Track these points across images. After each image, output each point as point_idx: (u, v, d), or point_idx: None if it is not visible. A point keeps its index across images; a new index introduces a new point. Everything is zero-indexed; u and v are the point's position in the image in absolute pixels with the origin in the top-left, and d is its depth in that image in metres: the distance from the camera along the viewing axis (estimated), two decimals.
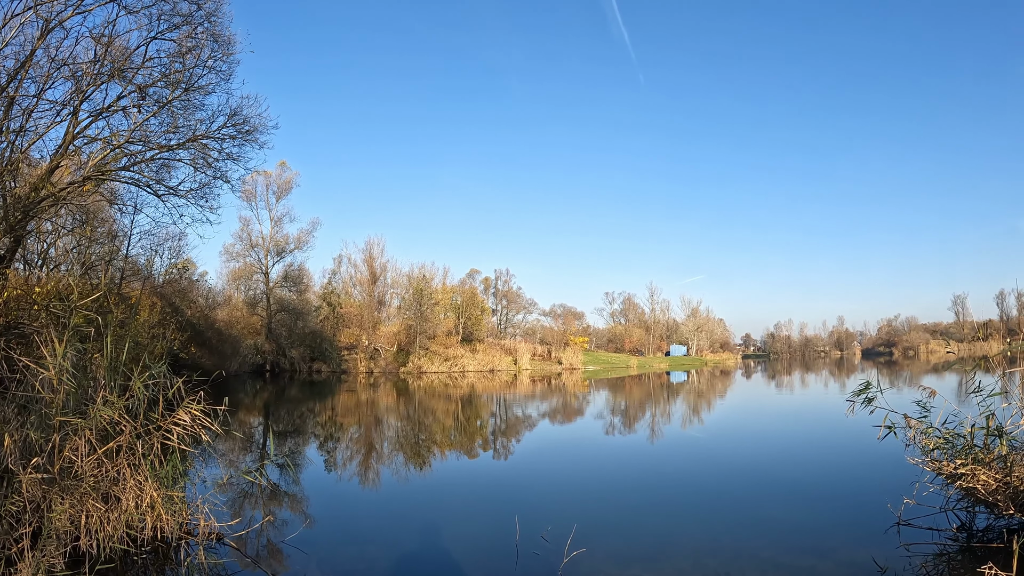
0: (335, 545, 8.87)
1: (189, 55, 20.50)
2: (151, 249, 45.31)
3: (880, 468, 13.30)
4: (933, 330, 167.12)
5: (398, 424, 25.34)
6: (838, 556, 8.13)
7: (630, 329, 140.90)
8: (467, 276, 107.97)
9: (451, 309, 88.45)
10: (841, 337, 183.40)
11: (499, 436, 21.97)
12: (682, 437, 21.12)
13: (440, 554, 8.41)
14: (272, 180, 70.98)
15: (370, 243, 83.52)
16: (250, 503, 11.29)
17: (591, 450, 18.42)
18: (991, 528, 8.92)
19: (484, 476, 14.63)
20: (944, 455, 9.01)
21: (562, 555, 7.69)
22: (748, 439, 20.48)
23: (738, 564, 7.75)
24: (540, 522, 9.56)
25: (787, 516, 10.32)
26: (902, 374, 55.45)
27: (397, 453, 17.78)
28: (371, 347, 75.50)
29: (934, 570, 7.60)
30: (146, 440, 8.33)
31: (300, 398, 38.99)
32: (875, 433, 9.69)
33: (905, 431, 9.45)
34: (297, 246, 72.76)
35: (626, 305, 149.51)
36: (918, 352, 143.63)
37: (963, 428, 9.04)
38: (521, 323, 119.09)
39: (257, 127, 23.57)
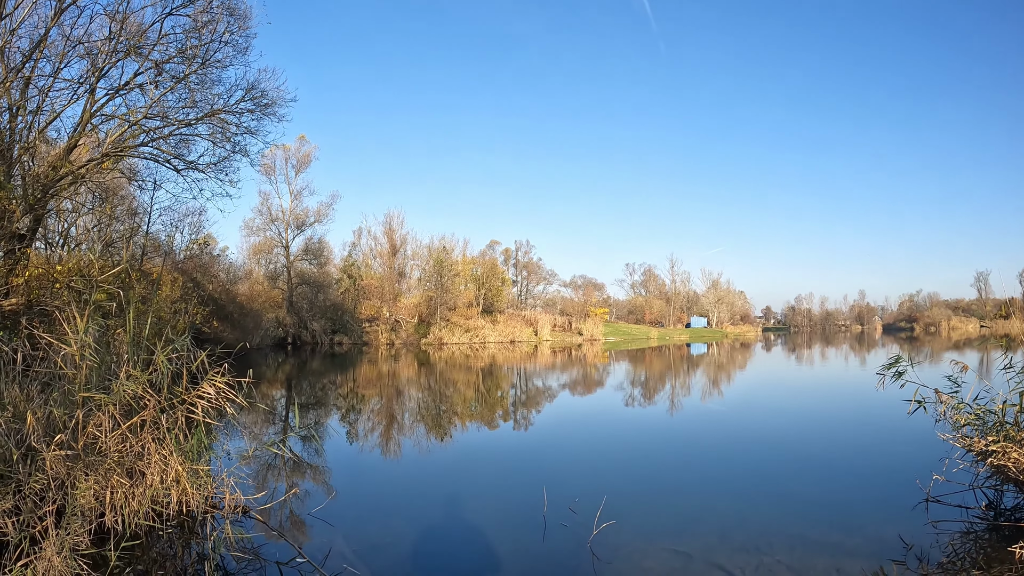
0: (360, 518, 8.89)
1: (205, 30, 20.41)
2: (171, 225, 45.66)
3: (908, 444, 13.23)
4: (955, 307, 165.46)
5: (420, 395, 25.40)
6: (865, 532, 8.06)
7: (650, 301, 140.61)
8: (487, 247, 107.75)
9: (471, 280, 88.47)
10: (862, 312, 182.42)
11: (521, 407, 22.01)
12: (705, 410, 21.09)
13: (466, 526, 8.41)
14: (291, 154, 70.99)
15: (390, 215, 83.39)
16: (274, 475, 11.32)
17: (614, 422, 18.42)
18: (1020, 507, 8.84)
19: (508, 447, 14.66)
20: (975, 431, 8.88)
21: (591, 527, 7.69)
22: (772, 413, 20.41)
23: (766, 538, 7.71)
24: (566, 494, 9.56)
25: (814, 491, 10.25)
26: (923, 350, 55.08)
27: (420, 424, 17.81)
28: (392, 319, 75.62)
29: (961, 548, 7.54)
30: (170, 414, 8.32)
31: (322, 370, 39.09)
32: (903, 408, 9.60)
33: (935, 406, 9.32)
34: (317, 219, 72.77)
35: (646, 276, 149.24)
36: (939, 328, 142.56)
37: (994, 405, 8.89)
38: (541, 294, 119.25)
39: (275, 100, 23.49)
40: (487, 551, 7.40)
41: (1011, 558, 6.90)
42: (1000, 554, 7.14)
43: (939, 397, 9.34)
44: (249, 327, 54.36)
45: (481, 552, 7.41)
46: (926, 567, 6.84)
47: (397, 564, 7.13)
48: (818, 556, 7.16)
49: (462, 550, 7.52)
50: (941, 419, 9.29)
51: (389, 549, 7.54)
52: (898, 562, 6.98)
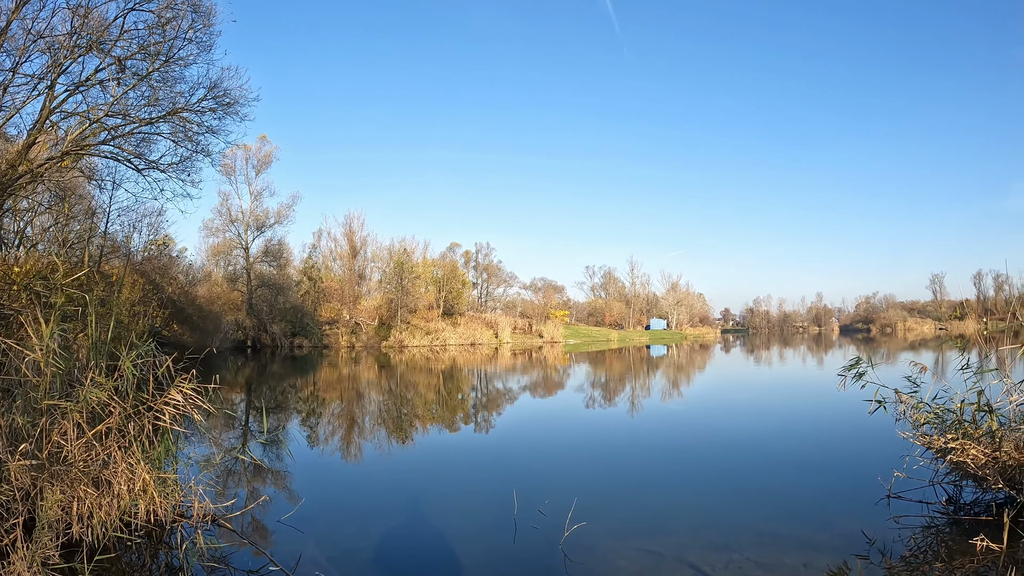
0: (330, 523, 8.84)
1: (168, 26, 20.24)
2: (130, 226, 44.95)
3: (870, 442, 13.45)
4: (911, 308, 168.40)
5: (383, 399, 25.31)
6: (830, 527, 8.24)
7: (610, 303, 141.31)
8: (448, 250, 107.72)
9: (432, 283, 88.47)
10: (819, 313, 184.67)
11: (484, 409, 22.02)
12: (668, 410, 21.26)
13: (437, 529, 8.42)
14: (252, 154, 70.55)
15: (350, 217, 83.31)
16: (240, 482, 11.24)
17: (578, 423, 18.50)
18: (979, 501, 9.05)
19: (473, 450, 14.66)
20: (934, 430, 9.14)
21: (561, 529, 7.74)
22: (735, 412, 20.65)
23: (735, 535, 7.84)
24: (535, 496, 9.59)
25: (780, 488, 10.45)
26: (880, 351, 55.83)
27: (384, 428, 17.75)
28: (352, 321, 75.45)
29: (923, 541, 7.72)
30: (136, 421, 8.22)
31: (282, 374, 38.89)
32: (863, 407, 9.81)
33: (895, 406, 9.57)
34: (277, 220, 72.39)
35: (607, 279, 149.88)
36: (895, 329, 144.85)
37: (952, 404, 9.15)
38: (502, 297, 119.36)
39: (238, 99, 23.36)
40: (459, 554, 7.41)
41: (972, 550, 7.08)
42: (961, 546, 7.33)
43: (899, 397, 9.57)
44: (209, 330, 53.90)
45: (453, 555, 7.42)
46: (889, 561, 6.99)
47: (369, 569, 7.14)
48: (786, 552, 7.28)
49: (433, 553, 7.53)
50: (901, 418, 9.53)
51: (360, 554, 7.53)
52: (862, 556, 7.12)
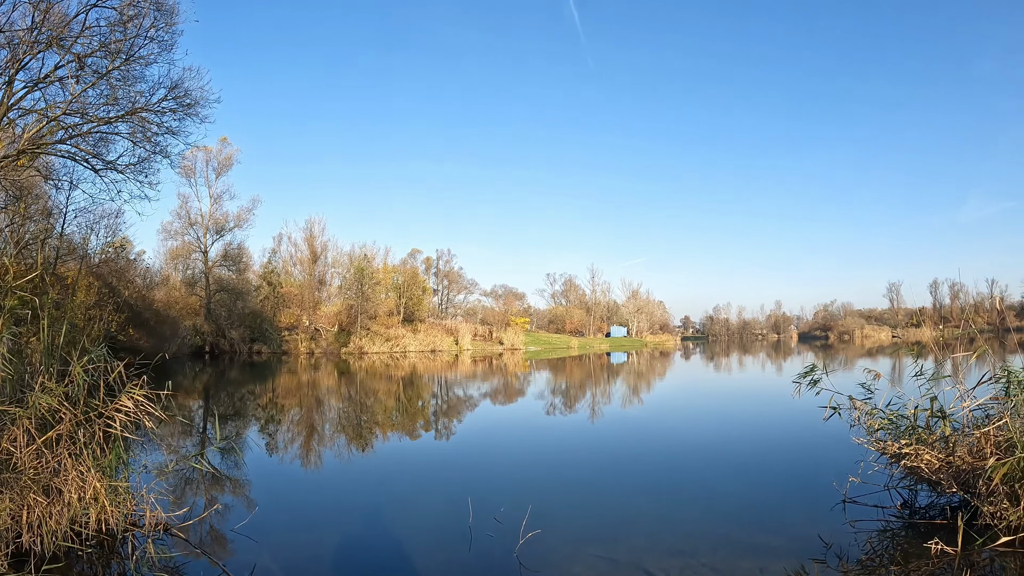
0: (285, 531, 8.71)
1: (130, 24, 20.01)
2: (87, 227, 44.28)
3: (825, 448, 13.52)
4: (868, 316, 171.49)
5: (341, 406, 25.11)
6: (787, 532, 8.28)
7: (571, 310, 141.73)
8: (408, 256, 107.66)
9: (392, 289, 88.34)
10: (778, 321, 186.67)
11: (443, 416, 21.92)
12: (627, 416, 21.29)
13: (392, 537, 8.32)
14: (212, 156, 69.99)
15: (311, 222, 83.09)
16: (195, 490, 11.06)
17: (537, 430, 18.48)
18: (934, 505, 9.12)
19: (431, 457, 14.57)
20: (888, 435, 9.27)
21: (517, 537, 7.68)
22: (694, 418, 20.75)
23: (691, 541, 7.85)
24: (491, 503, 9.53)
25: (737, 494, 10.45)
26: (838, 358, 56.37)
27: (341, 435, 17.60)
28: (312, 328, 75.03)
29: (879, 545, 7.78)
30: (87, 428, 8.08)
31: (241, 380, 38.53)
32: (819, 414, 9.93)
33: (850, 412, 9.72)
34: (237, 224, 71.94)
35: (567, 286, 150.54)
36: (853, 337, 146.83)
37: (906, 410, 9.31)
38: (462, 304, 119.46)
39: (199, 100, 23.17)
40: (414, 563, 7.34)
41: (927, 553, 7.15)
42: (916, 550, 7.39)
43: (853, 403, 9.71)
44: (166, 335, 53.36)
45: (408, 564, 7.34)
46: (846, 565, 7.04)
47: None
48: (742, 557, 7.30)
49: (389, 563, 7.44)
50: (856, 424, 9.67)
51: (315, 563, 7.43)
52: (819, 560, 7.17)
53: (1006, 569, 6.79)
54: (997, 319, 78.15)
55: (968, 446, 8.40)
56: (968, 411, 8.87)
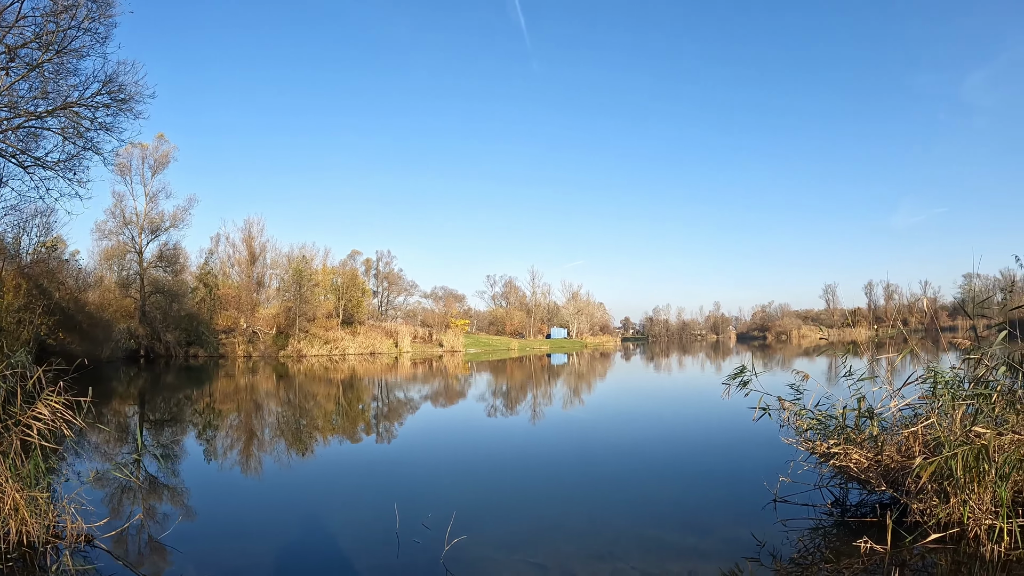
0: (213, 540, 8.49)
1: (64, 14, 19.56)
2: (17, 226, 43.17)
3: (756, 448, 13.62)
4: (805, 316, 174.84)
5: (279, 410, 24.73)
6: (719, 533, 8.29)
7: (511, 312, 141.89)
8: (348, 257, 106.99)
9: (331, 291, 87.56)
10: (717, 322, 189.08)
11: (380, 420, 21.68)
12: (562, 419, 21.32)
13: (321, 545, 8.14)
14: (148, 153, 68.19)
15: (249, 222, 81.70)
16: (125, 500, 10.71)
17: (473, 433, 18.37)
18: (864, 503, 9.25)
19: (366, 462, 14.36)
20: (817, 435, 9.34)
21: (444, 543, 7.58)
22: (629, 420, 20.78)
23: (622, 544, 7.79)
24: (422, 509, 9.39)
25: (668, 495, 10.48)
26: (775, 357, 57.17)
27: (278, 441, 17.29)
28: (249, 330, 73.99)
29: (811, 543, 7.82)
30: (5, 437, 7.86)
31: (177, 385, 37.79)
32: (751, 415, 9.98)
33: (779, 413, 9.79)
34: (173, 224, 69.97)
35: (507, 288, 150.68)
36: (790, 337, 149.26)
37: (835, 410, 9.40)
38: (402, 305, 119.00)
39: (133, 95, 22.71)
40: (339, 571, 7.23)
41: (858, 551, 7.22)
42: (847, 548, 7.44)
43: (782, 404, 9.79)
44: (99, 338, 52.27)
45: (333, 572, 7.24)
46: (780, 563, 7.07)
47: None
48: (673, 559, 7.27)
49: (314, 571, 7.29)
50: (785, 424, 9.75)
51: (242, 573, 7.30)
52: (752, 559, 7.20)
53: (936, 566, 6.85)
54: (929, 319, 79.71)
55: (897, 445, 8.52)
56: (896, 410, 9.01)
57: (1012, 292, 20.90)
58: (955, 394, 8.43)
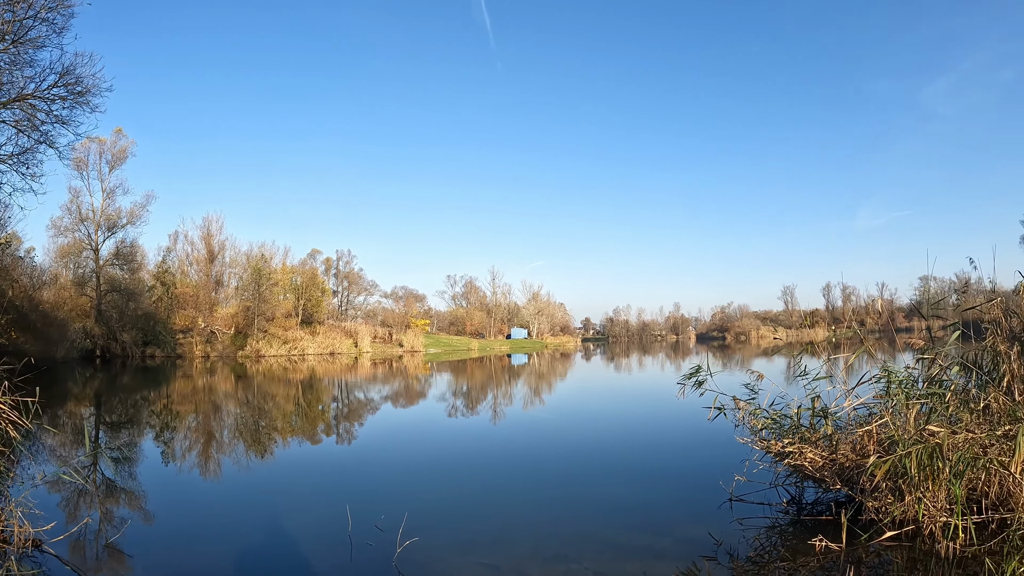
0: (166, 544, 8.29)
1: (22, 3, 19.20)
2: None
3: (712, 448, 13.65)
4: (764, 317, 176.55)
5: (237, 411, 24.43)
6: (675, 532, 8.29)
7: (471, 312, 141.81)
8: (308, 256, 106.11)
9: (291, 290, 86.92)
10: (677, 322, 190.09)
11: (339, 422, 21.49)
12: (520, 419, 21.29)
13: (275, 548, 8.00)
14: (106, 148, 66.83)
15: (208, 220, 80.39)
16: (78, 504, 10.48)
17: (430, 434, 18.24)
18: (819, 501, 9.30)
19: (323, 464, 14.17)
20: (772, 435, 9.41)
21: (396, 545, 7.49)
22: (587, 420, 20.81)
23: (577, 545, 7.75)
24: (376, 510, 9.28)
25: (624, 495, 10.46)
26: (734, 357, 57.66)
27: (234, 443, 17.02)
28: (208, 330, 73.19)
29: (767, 542, 7.85)
30: None
31: (133, 386, 37.21)
32: (707, 414, 9.96)
33: (734, 412, 9.81)
34: (130, 221, 68.60)
35: (468, 288, 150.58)
36: (749, 337, 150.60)
37: (790, 409, 9.48)
38: (362, 305, 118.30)
39: (90, 88, 22.34)
40: (294, 574, 7.17)
41: (813, 550, 7.24)
42: (803, 546, 7.46)
43: (737, 404, 9.82)
44: (54, 338, 51.49)
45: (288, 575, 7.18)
46: (736, 562, 7.08)
47: None
48: (629, 559, 7.24)
49: (269, 574, 7.25)
50: (740, 424, 9.77)
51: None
52: (709, 558, 7.20)
53: (892, 563, 6.89)
54: (884, 320, 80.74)
55: (851, 444, 8.58)
56: (851, 410, 9.10)
57: (966, 294, 21.47)
58: (909, 393, 8.53)
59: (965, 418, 8.06)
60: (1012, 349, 8.52)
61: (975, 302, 10.15)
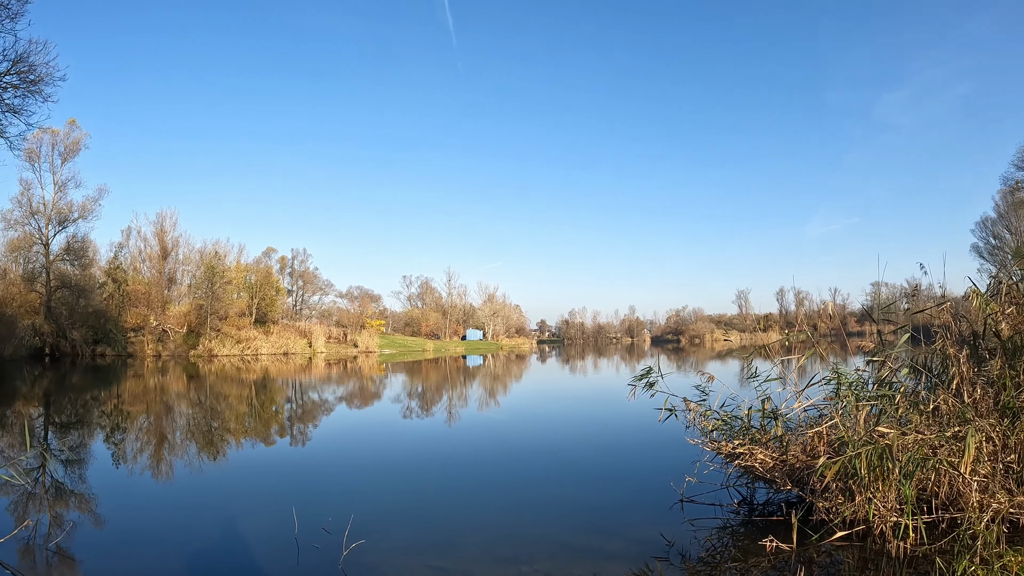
0: (112, 547, 8.10)
1: None
2: None
3: (663, 449, 13.73)
4: (718, 321, 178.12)
5: (189, 412, 24.03)
6: (627, 534, 8.27)
7: (427, 313, 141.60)
8: (263, 255, 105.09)
9: (245, 289, 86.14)
10: (632, 325, 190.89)
11: (292, 423, 21.24)
12: (475, 420, 21.24)
13: (222, 551, 7.83)
14: (59, 139, 65.36)
15: (162, 215, 79.24)
16: (22, 507, 10.24)
17: (383, 436, 18.07)
18: (770, 502, 9.38)
19: (275, 466, 13.94)
20: (723, 436, 9.47)
21: (343, 547, 7.39)
22: (540, 421, 20.80)
23: (529, 548, 7.67)
24: (323, 512, 9.16)
25: (576, 497, 10.44)
26: (688, 360, 58.07)
27: (186, 444, 16.66)
28: (159, 328, 72.30)
29: (719, 543, 7.87)
30: None
31: (83, 385, 36.48)
32: (658, 416, 9.99)
33: (685, 414, 9.88)
34: (82, 215, 67.10)
35: (423, 289, 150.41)
36: (703, 340, 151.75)
37: (741, 411, 9.57)
38: (317, 305, 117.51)
39: (44, 77, 21.91)
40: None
41: (764, 550, 7.29)
42: (754, 546, 7.49)
43: (687, 405, 9.89)
44: (2, 335, 50.67)
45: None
46: (688, 563, 7.08)
47: None
48: (580, 561, 7.21)
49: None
50: (691, 425, 9.83)
51: None
52: (661, 559, 7.19)
53: (843, 563, 6.93)
54: (836, 324, 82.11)
55: (802, 445, 8.64)
56: (801, 411, 9.20)
57: (916, 298, 21.73)
58: (859, 395, 8.63)
59: (915, 420, 8.16)
60: (961, 353, 8.66)
61: (925, 307, 10.30)
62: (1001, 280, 9.86)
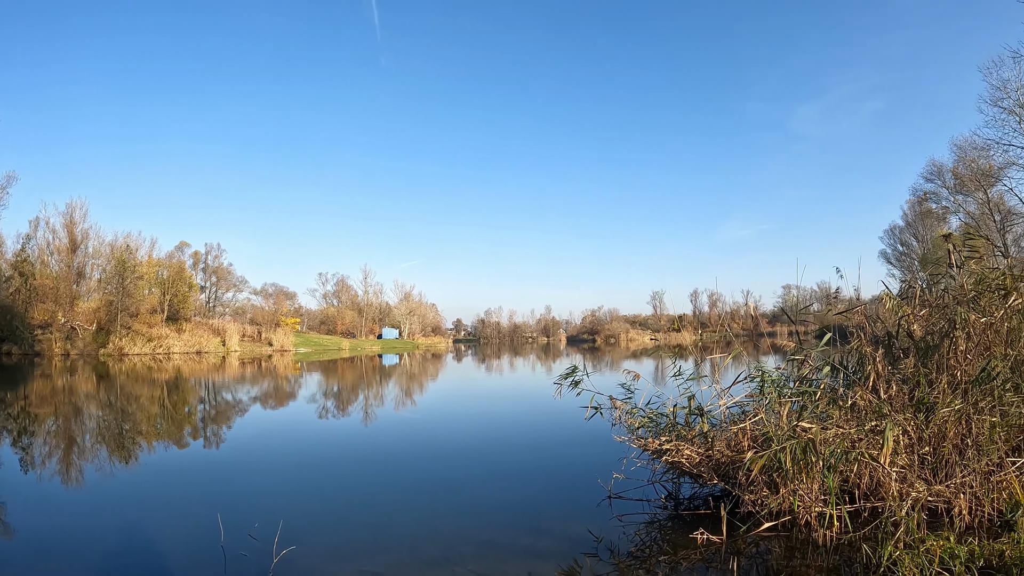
0: (21, 560, 7.80)
1: None
2: None
3: (589, 447, 13.79)
4: (633, 321, 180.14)
5: (99, 414, 23.33)
6: (555, 531, 8.35)
7: (343, 311, 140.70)
8: (176, 249, 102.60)
9: (157, 284, 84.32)
10: (548, 324, 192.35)
11: (206, 424, 20.77)
12: (395, 420, 21.14)
13: (142, 562, 7.58)
14: None
15: (72, 206, 76.66)
16: None
17: (302, 437, 17.86)
18: (696, 496, 9.56)
19: (190, 470, 13.53)
20: (649, 433, 9.59)
21: (272, 554, 7.25)
22: (461, 421, 20.78)
23: (457, 548, 7.68)
24: (249, 518, 9.00)
25: (503, 496, 10.47)
26: (604, 359, 58.62)
27: (97, 448, 16.05)
28: (68, 326, 70.35)
29: (647, 537, 8.01)
30: None
31: None
32: (583, 414, 10.08)
33: (611, 411, 10.00)
34: None
35: (339, 287, 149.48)
36: (619, 340, 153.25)
37: (666, 408, 9.71)
38: (231, 302, 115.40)
39: None
40: None
41: (693, 543, 7.45)
42: (683, 539, 7.65)
43: (614, 403, 9.99)
44: None
45: None
46: (617, 557, 7.20)
47: None
48: (510, 560, 7.26)
49: None
50: (617, 423, 9.93)
51: None
52: (590, 555, 7.30)
53: (771, 552, 7.16)
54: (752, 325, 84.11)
55: (727, 440, 8.84)
56: (725, 408, 9.43)
57: (836, 300, 22.77)
58: (781, 392, 8.88)
59: (835, 415, 8.45)
60: (876, 352, 8.98)
61: (845, 308, 10.67)
62: (913, 285, 10.30)
